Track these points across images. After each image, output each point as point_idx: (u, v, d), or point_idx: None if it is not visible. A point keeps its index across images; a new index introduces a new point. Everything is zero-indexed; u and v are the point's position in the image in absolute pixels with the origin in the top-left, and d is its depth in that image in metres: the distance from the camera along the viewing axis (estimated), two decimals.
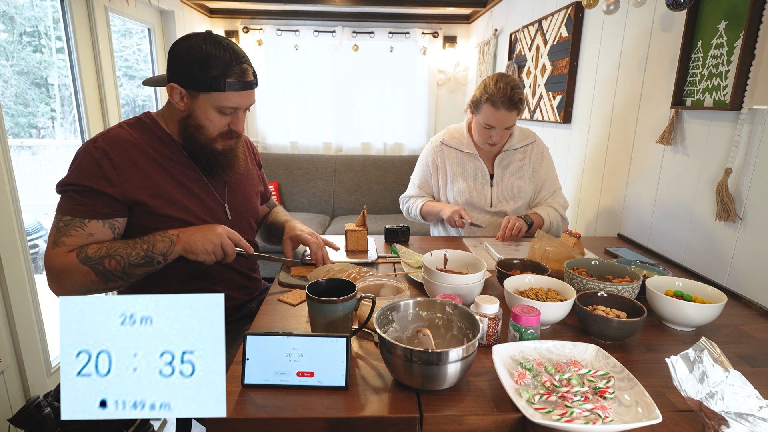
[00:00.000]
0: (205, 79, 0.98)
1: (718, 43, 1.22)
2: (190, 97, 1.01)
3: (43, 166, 2.83)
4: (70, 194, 0.98)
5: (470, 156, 1.66)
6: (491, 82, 1.48)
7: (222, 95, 1.00)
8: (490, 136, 1.55)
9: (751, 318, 1.03)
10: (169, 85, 1.02)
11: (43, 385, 1.75)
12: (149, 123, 1.07)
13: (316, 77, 3.87)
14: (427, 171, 1.74)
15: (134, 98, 3.09)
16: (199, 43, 0.98)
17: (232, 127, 1.07)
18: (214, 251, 1.00)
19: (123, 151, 1.00)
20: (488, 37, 3.22)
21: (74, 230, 0.97)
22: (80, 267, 0.94)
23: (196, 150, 1.07)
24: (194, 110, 1.02)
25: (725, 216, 1.19)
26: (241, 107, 1.05)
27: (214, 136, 1.06)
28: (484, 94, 1.49)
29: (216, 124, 1.04)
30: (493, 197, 1.66)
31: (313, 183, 3.55)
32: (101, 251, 0.95)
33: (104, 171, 0.97)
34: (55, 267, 0.95)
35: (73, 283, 0.95)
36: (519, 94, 1.46)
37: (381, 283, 1.01)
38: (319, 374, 0.73)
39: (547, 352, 0.78)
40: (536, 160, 1.68)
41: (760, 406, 0.57)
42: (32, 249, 2.62)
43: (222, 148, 1.08)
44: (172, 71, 1.01)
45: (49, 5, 2.20)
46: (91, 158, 0.98)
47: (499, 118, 1.48)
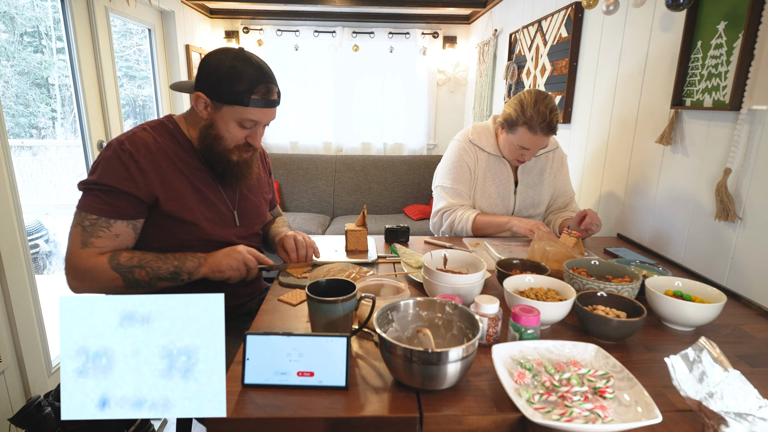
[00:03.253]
0: (231, 94, 1.02)
1: (718, 43, 1.22)
2: (214, 107, 1.05)
3: (43, 166, 2.83)
4: (96, 193, 0.99)
5: (499, 160, 1.58)
6: (529, 104, 1.39)
7: (245, 110, 1.04)
8: (522, 155, 1.48)
9: (750, 318, 1.03)
10: (196, 94, 1.05)
11: (43, 385, 1.75)
12: (172, 128, 1.11)
13: (316, 77, 3.87)
14: (465, 172, 1.57)
15: (134, 98, 3.09)
16: (230, 58, 1.02)
17: (249, 141, 1.11)
18: (238, 267, 1.06)
19: (148, 155, 1.03)
20: (488, 38, 3.22)
21: (101, 231, 0.99)
22: (110, 272, 0.97)
23: (213, 158, 1.11)
24: (216, 120, 1.06)
25: (725, 216, 1.19)
26: (261, 123, 1.09)
27: (230, 148, 1.09)
28: (521, 117, 1.40)
29: (234, 136, 1.08)
30: (516, 205, 1.60)
31: (313, 183, 3.55)
32: (133, 260, 0.99)
33: (131, 173, 1.00)
34: (83, 267, 0.97)
35: (98, 285, 0.98)
36: (557, 117, 1.40)
37: (381, 283, 1.01)
38: (319, 374, 0.73)
39: (546, 352, 0.78)
40: (557, 168, 1.64)
41: (760, 406, 0.57)
42: (32, 249, 2.62)
43: (237, 160, 1.12)
44: (201, 81, 1.04)
45: (49, 6, 2.20)
46: (119, 160, 1.00)
47: (535, 141, 1.42)
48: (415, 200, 3.65)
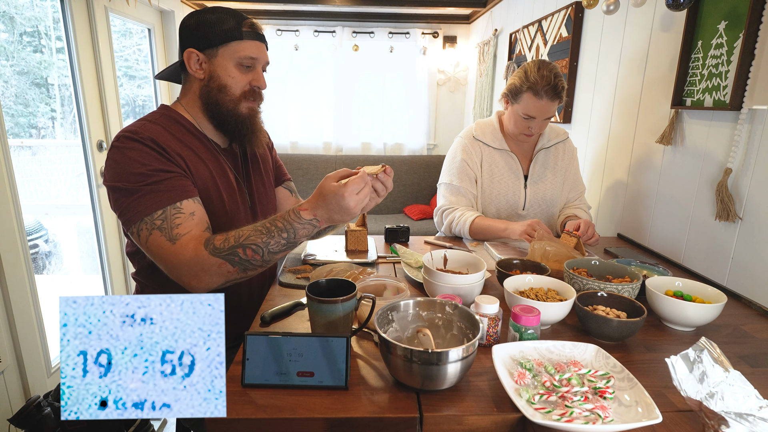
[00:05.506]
0: (222, 32, 0.99)
1: (718, 43, 1.22)
2: (209, 58, 1.02)
3: (43, 166, 2.83)
4: (144, 192, 0.91)
5: (505, 153, 1.54)
6: (533, 70, 1.38)
7: (240, 45, 1.01)
8: (529, 127, 1.44)
9: (751, 318, 1.03)
10: (187, 51, 1.01)
11: (43, 385, 1.75)
12: (175, 115, 1.05)
13: (316, 77, 3.87)
14: (467, 171, 1.54)
15: (134, 98, 3.09)
16: (206, 11, 1.02)
17: (254, 84, 1.06)
18: (352, 213, 0.92)
19: (166, 141, 0.98)
20: (488, 37, 3.22)
21: (176, 218, 0.91)
22: (211, 259, 0.89)
23: (222, 117, 1.05)
24: (215, 70, 1.02)
25: (725, 216, 1.19)
26: (260, 60, 1.05)
27: (237, 96, 1.04)
28: (525, 83, 1.38)
29: (238, 81, 1.03)
30: (527, 200, 1.56)
31: (313, 183, 3.55)
32: (229, 241, 0.90)
33: (162, 156, 0.95)
34: (185, 262, 0.89)
35: (210, 276, 0.90)
36: (562, 82, 1.37)
37: (381, 283, 1.01)
38: (319, 374, 0.73)
39: (547, 352, 0.78)
40: (568, 160, 1.60)
41: (760, 406, 0.57)
42: (32, 249, 2.62)
43: (247, 112, 1.07)
44: (187, 38, 1.01)
45: (49, 5, 2.20)
46: (144, 148, 0.93)
47: (541, 107, 1.39)
48: (415, 200, 3.65)
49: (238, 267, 0.90)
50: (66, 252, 3.02)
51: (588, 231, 1.34)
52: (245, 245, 0.90)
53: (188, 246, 0.89)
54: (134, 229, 0.91)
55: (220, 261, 0.89)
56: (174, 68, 1.09)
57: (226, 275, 0.91)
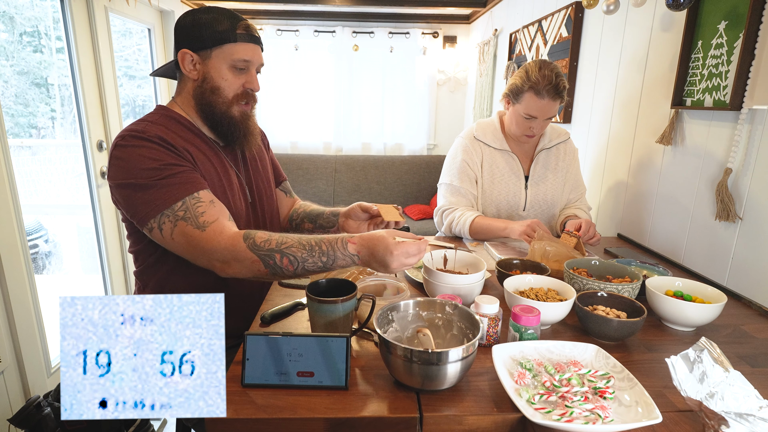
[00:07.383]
0: (216, 34, 0.99)
1: (718, 43, 1.22)
2: (203, 59, 1.02)
3: (43, 166, 2.83)
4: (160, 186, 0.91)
5: (506, 154, 1.54)
6: (534, 69, 1.38)
7: (234, 47, 1.01)
8: (530, 127, 1.44)
9: (751, 318, 1.03)
10: (181, 52, 1.01)
11: (43, 385, 1.75)
12: (174, 115, 1.06)
13: (316, 77, 3.87)
14: (468, 171, 1.54)
15: (134, 98, 3.09)
16: (201, 11, 1.01)
17: (248, 86, 1.06)
18: (387, 268, 0.91)
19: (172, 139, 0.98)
20: (488, 37, 3.22)
21: (198, 207, 0.91)
22: (248, 253, 0.89)
23: (215, 119, 1.06)
24: (208, 72, 1.02)
25: (725, 216, 1.19)
26: (254, 63, 1.05)
27: (230, 98, 1.05)
28: (527, 82, 1.38)
29: (231, 83, 1.04)
30: (527, 201, 1.55)
31: (313, 183, 3.55)
32: (271, 243, 0.90)
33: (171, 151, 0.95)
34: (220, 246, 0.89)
35: (242, 268, 0.91)
36: (564, 82, 1.37)
37: (381, 283, 1.01)
38: (319, 374, 0.73)
39: (547, 352, 0.78)
40: (569, 160, 1.60)
41: (760, 406, 0.57)
42: (32, 249, 2.62)
43: (239, 115, 1.07)
44: (181, 39, 1.01)
45: (49, 5, 2.20)
46: (153, 145, 0.93)
47: (542, 107, 1.38)
48: (415, 200, 3.65)
49: (270, 270, 0.91)
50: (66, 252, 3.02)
51: (589, 231, 1.34)
52: (284, 253, 0.90)
53: (217, 234, 0.90)
54: (153, 224, 0.91)
55: (255, 258, 0.89)
56: (169, 66, 1.09)
57: (256, 272, 0.91)
